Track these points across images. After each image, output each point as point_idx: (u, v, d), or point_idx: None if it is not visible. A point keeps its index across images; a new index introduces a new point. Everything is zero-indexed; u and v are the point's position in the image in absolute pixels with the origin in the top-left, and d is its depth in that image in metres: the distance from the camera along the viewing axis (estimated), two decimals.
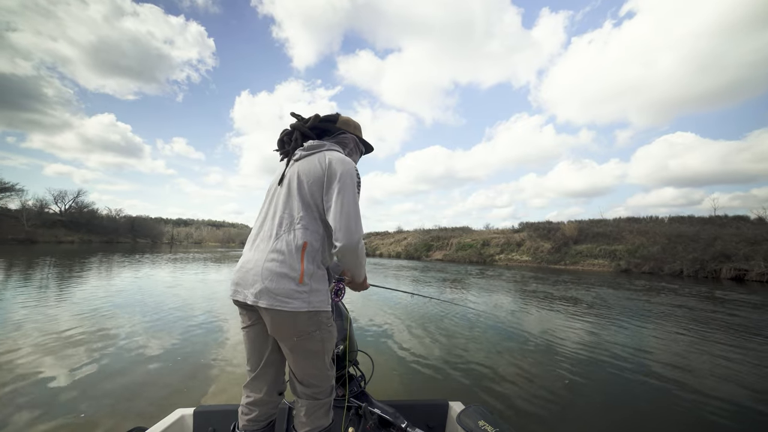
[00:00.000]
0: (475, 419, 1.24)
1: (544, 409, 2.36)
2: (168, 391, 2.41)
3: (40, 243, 36.28)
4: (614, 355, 3.59)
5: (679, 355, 3.69)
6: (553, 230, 27.84)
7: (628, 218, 29.05)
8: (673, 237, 21.19)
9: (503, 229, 33.65)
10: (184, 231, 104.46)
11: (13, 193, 42.38)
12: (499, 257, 27.98)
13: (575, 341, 4.13)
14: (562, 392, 2.64)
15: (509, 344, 3.96)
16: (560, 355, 3.56)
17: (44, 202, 48.74)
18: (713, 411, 2.39)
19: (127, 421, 1.98)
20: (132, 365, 2.86)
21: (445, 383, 2.77)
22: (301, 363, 1.08)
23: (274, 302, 0.98)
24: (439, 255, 32.50)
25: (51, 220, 46.88)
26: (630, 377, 3.01)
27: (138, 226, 66.72)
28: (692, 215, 26.52)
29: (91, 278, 8.26)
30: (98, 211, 58.28)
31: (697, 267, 17.36)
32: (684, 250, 19.02)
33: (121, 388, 2.43)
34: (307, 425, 1.11)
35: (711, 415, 2.34)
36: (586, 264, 22.84)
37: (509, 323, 5.09)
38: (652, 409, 2.43)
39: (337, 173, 1.06)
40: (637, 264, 20.05)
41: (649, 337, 4.46)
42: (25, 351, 3.08)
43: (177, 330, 3.96)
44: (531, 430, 2.11)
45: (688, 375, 3.11)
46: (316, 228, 1.07)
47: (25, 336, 3.48)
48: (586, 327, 4.92)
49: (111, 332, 3.78)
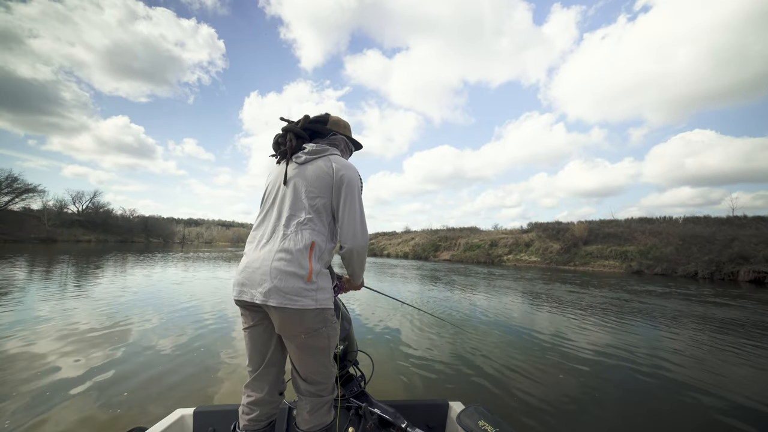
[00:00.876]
0: (475, 419, 1.24)
1: (545, 409, 2.37)
2: (169, 390, 2.41)
3: (59, 242, 37.57)
4: (616, 356, 3.56)
5: (697, 359, 3.63)
6: (562, 231, 27.41)
7: (640, 219, 28.42)
8: (687, 238, 20.60)
9: (512, 230, 33.29)
10: (195, 231, 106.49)
11: (36, 194, 44.14)
12: (507, 258, 27.69)
13: (577, 341, 4.10)
14: (563, 392, 2.65)
15: (510, 344, 3.96)
16: (561, 356, 3.56)
17: (63, 202, 50.64)
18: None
19: (127, 420, 1.99)
20: (137, 363, 2.88)
21: (445, 383, 2.78)
22: (307, 360, 1.11)
23: (284, 300, 1.00)
24: (446, 255, 32.35)
25: (70, 220, 48.60)
26: (630, 378, 2.99)
27: (151, 226, 68.49)
28: (708, 215, 25.73)
29: (110, 276, 8.57)
30: (113, 212, 60.23)
31: (713, 269, 16.86)
32: (699, 252, 18.49)
33: (124, 386, 2.44)
34: (311, 422, 1.13)
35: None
36: (597, 265, 22.42)
37: (510, 323, 5.08)
38: (652, 409, 2.42)
39: (345, 180, 1.12)
40: (649, 265, 19.59)
41: (661, 339, 4.40)
42: (43, 344, 3.21)
43: (186, 327, 4.05)
44: (531, 430, 2.12)
45: (711, 381, 2.98)
46: (321, 229, 1.11)
47: (46, 330, 3.65)
48: (589, 327, 4.87)
49: (121, 329, 3.89)
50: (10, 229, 36.02)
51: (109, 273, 9.55)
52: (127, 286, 7.25)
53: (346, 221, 1.12)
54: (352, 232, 1.12)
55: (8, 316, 4.29)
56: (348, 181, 1.13)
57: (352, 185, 1.13)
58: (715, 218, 25.02)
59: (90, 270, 10.12)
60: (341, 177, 1.12)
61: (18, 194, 41.71)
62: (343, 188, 1.12)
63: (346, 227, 1.11)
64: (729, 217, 24.59)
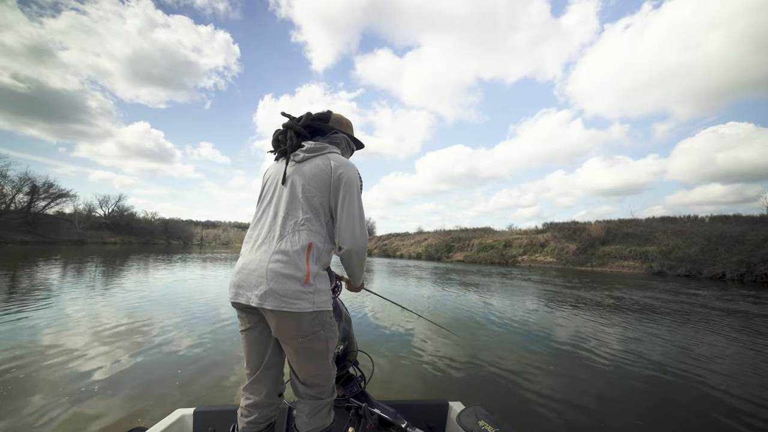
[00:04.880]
0: (475, 419, 1.23)
1: (545, 409, 2.37)
2: (170, 390, 2.43)
3: (89, 244, 39.73)
4: (618, 357, 3.48)
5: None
6: (578, 231, 26.60)
7: (662, 218, 27.19)
8: (713, 238, 19.54)
9: (526, 230, 32.58)
10: (212, 233, 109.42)
11: (68, 199, 47.01)
12: (521, 258, 27.13)
13: (578, 342, 4.02)
14: (564, 393, 2.64)
15: (510, 344, 3.94)
16: (561, 357, 3.52)
17: (92, 206, 53.56)
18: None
19: (127, 420, 2.00)
20: (138, 363, 2.91)
21: (445, 383, 2.77)
22: (305, 363, 1.08)
23: (280, 304, 0.96)
24: (460, 256, 32.01)
25: (97, 223, 51.31)
26: (632, 378, 2.95)
27: (171, 228, 71.35)
28: (738, 214, 24.23)
29: (134, 276, 9.02)
30: (136, 215, 62.94)
31: (743, 270, 15.93)
32: (727, 252, 17.52)
33: (124, 386, 2.46)
34: (310, 425, 1.11)
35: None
36: (615, 266, 21.63)
37: (512, 323, 5.03)
38: (651, 410, 2.38)
39: (344, 178, 1.08)
40: (671, 266, 18.72)
41: (683, 343, 4.28)
42: (51, 342, 3.37)
43: (195, 327, 4.13)
44: (531, 430, 2.12)
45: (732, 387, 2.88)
46: (319, 230, 1.08)
47: (76, 326, 3.89)
48: (597, 328, 4.78)
49: (136, 326, 4.04)
50: (47, 231, 38.42)
51: (133, 274, 10.02)
52: (146, 286, 7.57)
53: (344, 221, 1.07)
54: (351, 233, 1.07)
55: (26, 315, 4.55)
56: (347, 179, 1.09)
57: (350, 184, 1.09)
58: (746, 217, 23.53)
59: (116, 270, 10.67)
60: (340, 175, 1.08)
61: (53, 199, 44.50)
62: (342, 187, 1.08)
63: (344, 227, 1.07)
64: (763, 215, 23.12)
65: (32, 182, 40.97)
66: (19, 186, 39.35)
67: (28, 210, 39.97)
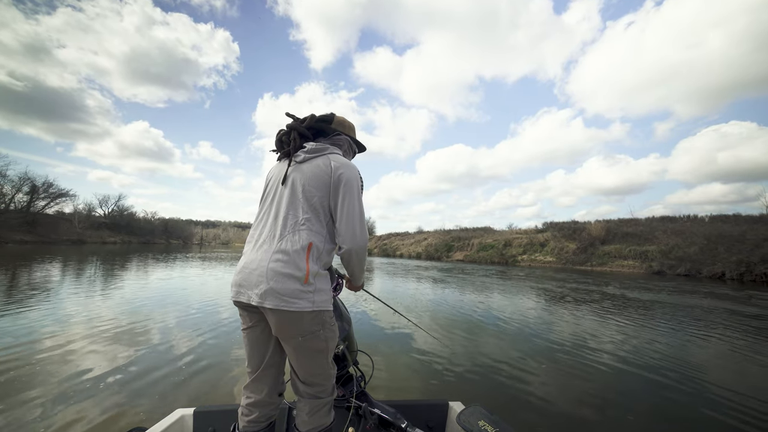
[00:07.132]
0: (475, 419, 1.23)
1: (545, 409, 2.37)
2: (170, 390, 2.43)
3: (88, 243, 39.71)
4: (620, 358, 3.49)
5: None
6: (578, 230, 26.67)
7: (662, 217, 27.23)
8: (713, 237, 19.58)
9: (526, 230, 32.63)
10: (212, 232, 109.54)
11: (68, 198, 46.95)
12: (521, 258, 27.16)
13: (579, 343, 4.02)
14: (563, 392, 2.64)
15: (510, 344, 3.94)
16: (562, 357, 3.52)
17: (91, 206, 53.54)
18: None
19: (127, 420, 2.00)
20: (139, 363, 2.91)
21: (445, 383, 2.78)
22: (305, 362, 1.09)
23: (280, 303, 0.98)
24: (460, 256, 32.04)
25: (97, 223, 51.26)
26: (632, 377, 2.95)
27: (171, 228, 71.20)
28: (738, 213, 24.22)
29: (133, 276, 9.04)
30: (136, 214, 62.87)
31: (742, 270, 15.96)
32: (726, 252, 17.55)
33: (124, 386, 2.46)
34: (310, 424, 1.12)
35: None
36: (615, 265, 21.66)
37: (512, 323, 5.03)
38: (651, 410, 2.39)
39: (344, 178, 1.09)
40: (671, 266, 18.75)
41: (683, 345, 4.29)
42: (52, 343, 3.35)
43: (196, 327, 4.13)
44: (532, 430, 2.13)
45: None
46: (319, 229, 1.08)
47: (75, 326, 3.91)
48: (597, 328, 4.79)
49: (130, 328, 3.97)
50: (46, 231, 38.37)
51: (133, 273, 10.03)
52: (146, 286, 7.57)
53: (344, 221, 1.08)
54: (351, 233, 1.08)
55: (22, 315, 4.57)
56: (347, 179, 1.10)
57: (350, 184, 1.10)
58: (746, 216, 23.53)
59: (116, 270, 10.67)
60: (339, 176, 1.09)
61: (53, 198, 44.43)
62: (341, 187, 1.09)
63: (344, 227, 1.08)
64: (762, 215, 23.11)
65: (32, 182, 40.94)
66: (18, 185, 39.32)
67: (28, 210, 39.92)
